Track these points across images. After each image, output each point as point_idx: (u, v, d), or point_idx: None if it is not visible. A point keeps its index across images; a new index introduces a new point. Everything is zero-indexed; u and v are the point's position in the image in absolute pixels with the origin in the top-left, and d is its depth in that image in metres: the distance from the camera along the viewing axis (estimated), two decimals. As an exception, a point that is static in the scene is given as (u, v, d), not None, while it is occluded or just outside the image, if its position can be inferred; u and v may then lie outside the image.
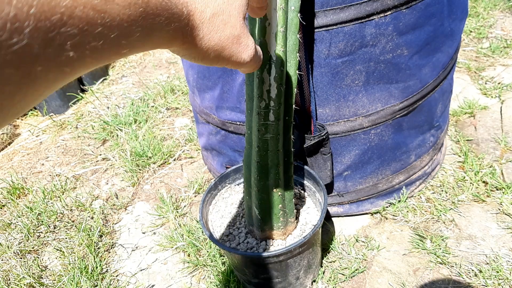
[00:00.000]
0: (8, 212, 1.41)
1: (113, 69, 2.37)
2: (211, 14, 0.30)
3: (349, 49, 0.83)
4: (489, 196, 1.15)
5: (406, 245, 1.07)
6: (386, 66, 0.88)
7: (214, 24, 0.31)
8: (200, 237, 1.16)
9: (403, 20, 0.83)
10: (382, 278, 1.00)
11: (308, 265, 0.92)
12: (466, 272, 0.97)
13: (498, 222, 1.08)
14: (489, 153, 1.30)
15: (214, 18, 0.31)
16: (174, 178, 1.46)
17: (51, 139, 1.80)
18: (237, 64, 0.35)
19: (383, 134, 1.00)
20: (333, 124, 0.96)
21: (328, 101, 0.92)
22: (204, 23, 0.30)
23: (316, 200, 0.96)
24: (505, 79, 1.64)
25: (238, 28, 0.33)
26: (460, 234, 1.07)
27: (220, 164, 1.25)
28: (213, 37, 0.31)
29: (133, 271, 1.14)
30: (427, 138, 1.12)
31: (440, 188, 1.20)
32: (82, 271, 1.11)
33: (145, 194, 1.41)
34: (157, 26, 0.26)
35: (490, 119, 1.44)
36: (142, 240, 1.23)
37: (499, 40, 1.92)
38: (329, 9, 0.78)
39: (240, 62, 0.35)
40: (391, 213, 1.15)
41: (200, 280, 1.07)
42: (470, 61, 1.81)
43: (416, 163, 1.13)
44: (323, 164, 0.99)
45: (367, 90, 0.91)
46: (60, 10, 0.19)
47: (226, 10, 0.31)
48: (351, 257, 1.06)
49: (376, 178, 1.09)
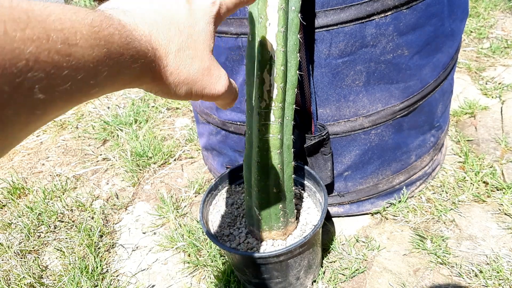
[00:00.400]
0: (9, 212, 1.41)
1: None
2: (176, 50, 0.31)
3: (349, 49, 0.83)
4: (490, 196, 1.15)
5: (407, 245, 1.07)
6: (387, 66, 0.88)
7: (181, 59, 0.31)
8: (201, 237, 1.16)
9: (403, 20, 0.83)
10: (383, 278, 1.00)
11: (309, 265, 0.92)
12: (466, 273, 0.97)
13: (498, 223, 1.08)
14: (490, 153, 1.30)
15: (180, 53, 0.31)
16: (174, 178, 1.46)
17: (52, 139, 1.80)
18: (211, 97, 0.35)
19: (383, 134, 1.00)
20: (333, 124, 0.96)
21: (329, 101, 0.92)
22: (170, 58, 0.31)
23: (317, 200, 0.96)
24: (505, 79, 1.64)
25: (207, 61, 0.33)
26: (460, 234, 1.07)
27: (220, 164, 1.25)
28: (182, 71, 0.32)
29: (133, 271, 1.14)
30: (427, 138, 1.12)
31: (441, 188, 1.20)
32: (83, 271, 1.11)
33: (145, 194, 1.41)
34: (124, 64, 0.26)
35: (491, 120, 1.44)
36: (143, 240, 1.23)
37: (499, 40, 1.92)
38: (330, 9, 0.78)
39: (214, 94, 0.35)
40: (392, 213, 1.15)
41: (201, 280, 1.07)
42: (470, 61, 1.81)
43: (416, 163, 1.13)
44: (323, 164, 0.99)
45: (368, 90, 0.91)
46: (25, 57, 0.19)
47: (191, 45, 0.32)
48: (351, 257, 1.06)
49: (377, 178, 1.09)
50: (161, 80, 0.31)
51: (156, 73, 0.30)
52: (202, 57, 0.33)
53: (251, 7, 0.66)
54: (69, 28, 0.22)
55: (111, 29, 0.25)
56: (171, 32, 0.31)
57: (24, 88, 0.20)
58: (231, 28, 0.87)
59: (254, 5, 0.65)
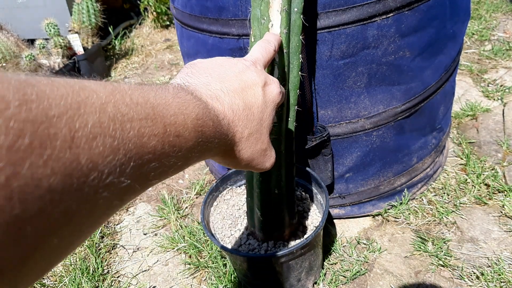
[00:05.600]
0: (10, 212, 1.41)
1: (115, 70, 2.37)
2: (248, 134, 0.37)
3: (351, 50, 0.83)
4: (491, 198, 1.15)
5: (408, 247, 1.07)
6: (388, 68, 0.88)
7: (249, 142, 0.37)
8: (202, 239, 1.16)
9: (405, 22, 0.83)
10: (384, 280, 1.00)
11: (310, 267, 0.92)
12: (468, 275, 0.97)
13: (500, 225, 1.08)
14: (491, 155, 1.29)
15: (250, 137, 0.37)
16: (175, 179, 1.46)
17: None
18: (259, 170, 0.42)
19: (385, 136, 0.99)
20: (334, 126, 0.96)
21: (330, 103, 0.92)
22: (242, 141, 0.37)
23: (318, 202, 0.95)
24: (507, 82, 1.64)
25: (266, 143, 0.40)
26: (462, 236, 1.07)
27: (221, 166, 1.25)
28: (247, 151, 0.38)
29: (134, 272, 1.14)
30: (429, 140, 1.12)
31: (442, 190, 1.20)
32: (83, 272, 1.11)
33: (146, 195, 1.41)
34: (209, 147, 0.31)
35: (492, 122, 1.43)
36: (144, 241, 1.23)
37: (501, 42, 1.92)
38: (332, 11, 0.78)
39: (263, 169, 0.41)
40: (393, 215, 1.15)
41: (202, 282, 1.07)
42: (472, 63, 1.81)
43: (418, 165, 1.13)
44: (324, 165, 0.99)
45: (369, 92, 0.91)
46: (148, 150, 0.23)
47: (259, 130, 0.38)
48: (352, 259, 1.05)
49: (378, 180, 1.09)
50: (230, 156, 0.37)
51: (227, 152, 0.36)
52: (263, 140, 0.39)
53: (253, 8, 0.66)
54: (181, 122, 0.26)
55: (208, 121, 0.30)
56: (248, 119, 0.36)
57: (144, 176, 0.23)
58: (232, 29, 0.87)
59: (257, 6, 0.65)
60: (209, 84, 0.35)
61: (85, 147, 0.18)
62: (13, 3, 2.29)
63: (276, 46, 0.50)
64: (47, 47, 2.00)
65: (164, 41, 2.64)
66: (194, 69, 0.36)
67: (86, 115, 0.18)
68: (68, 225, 0.18)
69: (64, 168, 0.17)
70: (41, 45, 1.97)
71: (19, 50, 1.96)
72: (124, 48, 2.58)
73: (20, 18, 2.31)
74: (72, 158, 0.17)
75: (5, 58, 1.92)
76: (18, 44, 1.98)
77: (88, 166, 0.18)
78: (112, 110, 0.20)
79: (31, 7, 2.29)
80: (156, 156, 0.23)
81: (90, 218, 0.20)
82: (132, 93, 0.23)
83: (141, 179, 0.23)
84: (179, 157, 0.26)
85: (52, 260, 0.19)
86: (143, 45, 2.61)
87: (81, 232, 0.20)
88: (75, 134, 0.17)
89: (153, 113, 0.23)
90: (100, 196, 0.19)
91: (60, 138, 0.17)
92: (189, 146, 0.27)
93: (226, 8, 0.85)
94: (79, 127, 0.18)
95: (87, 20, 2.14)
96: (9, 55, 1.92)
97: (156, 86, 0.27)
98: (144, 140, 0.22)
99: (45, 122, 0.16)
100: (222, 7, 0.85)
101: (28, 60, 1.89)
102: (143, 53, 2.50)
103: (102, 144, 0.19)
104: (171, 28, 2.80)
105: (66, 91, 0.18)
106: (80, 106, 0.18)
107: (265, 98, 0.39)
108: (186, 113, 0.27)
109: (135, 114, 0.22)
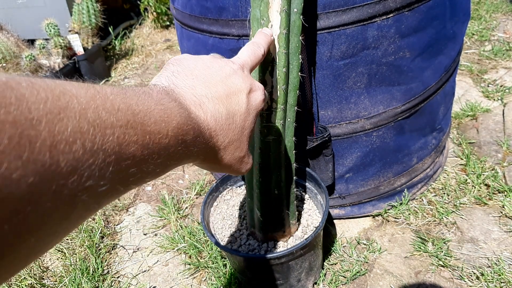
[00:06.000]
0: (10, 212, 1.41)
1: (115, 70, 2.37)
2: (228, 143, 0.37)
3: (351, 51, 0.83)
4: (491, 199, 1.15)
5: (408, 247, 1.07)
6: (388, 69, 0.88)
7: (229, 150, 0.38)
8: (202, 239, 1.16)
9: (405, 23, 0.83)
10: (384, 280, 1.00)
11: (310, 267, 0.92)
12: (468, 275, 0.97)
13: (500, 225, 1.08)
14: (491, 156, 1.29)
15: (230, 145, 0.38)
16: (175, 179, 1.46)
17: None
18: (236, 174, 0.43)
19: (385, 136, 0.99)
20: (335, 126, 0.96)
21: (330, 103, 0.92)
22: (221, 150, 0.37)
23: (318, 202, 0.95)
24: (507, 82, 1.64)
25: (244, 151, 0.40)
26: (462, 237, 1.07)
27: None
28: (225, 158, 0.38)
29: (134, 273, 1.14)
30: (429, 140, 1.12)
31: (442, 190, 1.20)
32: (83, 272, 1.11)
33: (146, 196, 1.41)
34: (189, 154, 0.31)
35: (492, 122, 1.43)
36: (144, 241, 1.23)
37: (501, 43, 1.92)
38: (332, 11, 0.78)
39: (239, 173, 0.42)
40: (393, 215, 1.15)
41: (202, 282, 1.07)
42: (472, 63, 1.81)
43: (418, 166, 1.13)
44: (324, 166, 0.99)
45: (369, 92, 0.91)
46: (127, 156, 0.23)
47: (239, 138, 0.39)
48: (352, 260, 1.05)
49: (378, 180, 1.09)
50: (208, 163, 0.37)
51: (206, 159, 0.36)
52: (242, 148, 0.39)
53: (253, 9, 0.66)
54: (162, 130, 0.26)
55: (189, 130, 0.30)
56: (229, 128, 0.37)
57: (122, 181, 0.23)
58: (232, 29, 0.87)
59: (256, 6, 0.65)
60: (194, 88, 0.35)
61: (65, 150, 0.18)
62: (13, 3, 2.29)
63: (266, 49, 0.50)
64: (47, 47, 2.00)
65: (164, 41, 2.64)
66: (180, 67, 0.36)
67: (66, 120, 0.19)
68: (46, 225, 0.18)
69: (44, 170, 0.17)
70: (41, 45, 1.97)
71: (19, 50, 1.96)
72: (124, 49, 2.58)
73: (20, 18, 2.31)
74: (51, 160, 0.17)
75: (5, 58, 1.92)
76: (18, 44, 1.98)
77: (68, 169, 0.18)
78: (92, 116, 0.20)
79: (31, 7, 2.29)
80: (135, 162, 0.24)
81: (67, 220, 0.20)
82: (114, 98, 0.23)
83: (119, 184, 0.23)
84: (158, 164, 0.27)
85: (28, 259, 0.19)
86: (143, 45, 2.61)
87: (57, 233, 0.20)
88: (55, 137, 0.18)
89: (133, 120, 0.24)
90: (79, 199, 0.20)
91: (39, 140, 0.17)
92: (168, 153, 0.28)
93: (226, 9, 0.85)
94: (58, 131, 0.18)
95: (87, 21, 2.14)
96: (9, 55, 1.92)
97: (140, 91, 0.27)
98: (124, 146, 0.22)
99: (24, 125, 0.16)
100: (222, 7, 0.85)
101: (28, 60, 1.89)
102: (143, 53, 2.50)
103: (81, 148, 0.19)
104: (171, 29, 2.80)
105: (46, 95, 0.18)
106: (60, 111, 0.19)
107: (248, 105, 0.39)
108: (168, 121, 0.27)
109: (115, 120, 0.22)
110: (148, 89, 0.29)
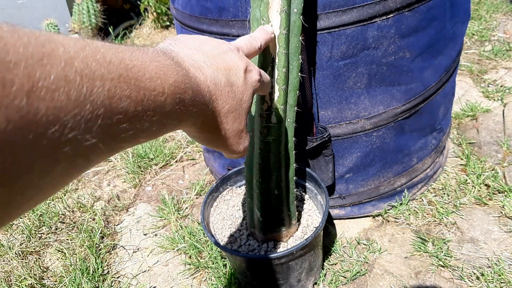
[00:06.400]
0: (10, 213, 1.41)
1: (115, 70, 2.37)
2: (227, 110, 0.36)
3: (351, 51, 0.83)
4: (491, 199, 1.15)
5: (408, 248, 1.07)
6: (388, 69, 0.88)
7: (228, 118, 0.37)
8: (202, 239, 1.16)
9: (405, 23, 0.83)
10: (384, 281, 1.00)
11: (310, 268, 0.92)
12: (468, 275, 0.97)
13: (500, 225, 1.08)
14: (492, 156, 1.29)
15: (229, 113, 0.37)
16: (175, 179, 1.46)
17: (53, 140, 1.80)
18: (232, 152, 0.41)
19: (385, 136, 0.99)
20: (335, 126, 0.96)
21: (330, 103, 0.92)
22: (221, 116, 0.36)
23: (318, 202, 0.95)
24: (507, 82, 1.64)
25: (243, 125, 0.39)
26: (462, 237, 1.07)
27: (221, 166, 1.25)
28: (223, 128, 0.37)
29: (134, 273, 1.14)
30: (429, 140, 1.12)
31: (442, 191, 1.20)
32: (84, 272, 1.11)
33: (146, 196, 1.41)
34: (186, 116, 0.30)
35: (493, 122, 1.43)
36: (144, 241, 1.23)
37: (501, 43, 1.92)
38: (332, 12, 0.78)
39: (235, 151, 0.41)
40: (393, 215, 1.15)
41: (202, 282, 1.07)
42: (472, 64, 1.81)
43: (418, 166, 1.13)
44: (324, 166, 0.99)
45: (369, 93, 0.91)
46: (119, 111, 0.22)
47: (238, 109, 0.38)
48: (352, 260, 1.05)
49: (378, 180, 1.09)
50: (206, 131, 0.36)
51: (205, 125, 0.35)
52: (241, 120, 0.39)
53: (253, 9, 0.66)
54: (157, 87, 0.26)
55: (187, 89, 0.29)
56: (229, 96, 0.36)
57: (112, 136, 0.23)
58: (232, 30, 0.87)
59: (256, 7, 0.65)
60: (192, 55, 0.34)
61: (46, 97, 0.17)
62: (13, 3, 2.29)
63: (262, 44, 0.50)
64: (47, 47, 1.99)
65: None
66: (178, 41, 0.35)
67: (50, 66, 0.18)
68: (27, 175, 0.18)
69: (20, 116, 0.16)
70: (41, 45, 1.97)
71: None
72: (124, 49, 2.58)
73: (20, 18, 2.31)
74: (29, 107, 0.17)
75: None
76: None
77: (49, 118, 0.18)
78: (80, 65, 0.20)
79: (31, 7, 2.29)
80: (128, 118, 0.23)
81: (50, 175, 0.19)
82: (105, 51, 0.22)
83: (109, 140, 0.22)
84: (154, 122, 0.26)
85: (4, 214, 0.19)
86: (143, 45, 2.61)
87: (40, 187, 0.19)
88: (35, 83, 0.17)
89: (126, 74, 0.23)
90: (60, 151, 0.19)
91: (16, 85, 0.16)
92: (165, 112, 0.27)
93: (226, 9, 0.85)
94: (39, 77, 0.17)
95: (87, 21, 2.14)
96: (9, 56, 1.92)
97: (134, 48, 0.26)
98: (115, 100, 0.21)
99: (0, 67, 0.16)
100: (222, 7, 0.85)
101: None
102: (143, 54, 2.50)
103: (66, 98, 0.18)
104: (171, 29, 2.80)
105: (28, 40, 0.18)
106: (43, 57, 0.18)
107: (245, 81, 0.39)
108: (164, 78, 0.26)
109: (106, 72, 0.21)
110: (142, 47, 0.28)
